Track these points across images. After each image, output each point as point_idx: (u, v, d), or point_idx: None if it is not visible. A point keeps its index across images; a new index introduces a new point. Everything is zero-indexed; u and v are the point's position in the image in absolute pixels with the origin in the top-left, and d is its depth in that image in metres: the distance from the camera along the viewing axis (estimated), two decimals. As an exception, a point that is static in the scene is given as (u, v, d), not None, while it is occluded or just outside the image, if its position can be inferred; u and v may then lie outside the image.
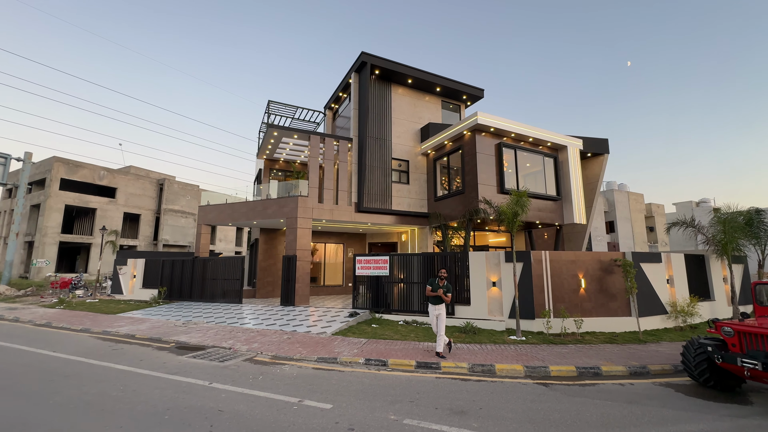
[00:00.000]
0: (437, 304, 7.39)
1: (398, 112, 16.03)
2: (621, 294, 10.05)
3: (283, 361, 6.96)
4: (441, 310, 7.34)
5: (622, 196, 37.18)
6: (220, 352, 7.61)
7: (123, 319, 11.53)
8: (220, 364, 6.63)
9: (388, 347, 7.83)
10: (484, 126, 13.18)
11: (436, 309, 7.39)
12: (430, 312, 7.46)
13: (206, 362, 6.78)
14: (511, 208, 9.34)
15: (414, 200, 15.76)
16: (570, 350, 7.73)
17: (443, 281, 7.51)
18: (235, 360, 6.95)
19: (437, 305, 7.39)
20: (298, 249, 13.07)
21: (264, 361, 6.93)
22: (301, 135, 14.58)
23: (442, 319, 7.27)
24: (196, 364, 6.63)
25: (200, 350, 7.74)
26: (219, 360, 6.93)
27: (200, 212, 15.76)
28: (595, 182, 17.39)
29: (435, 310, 7.39)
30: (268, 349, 7.72)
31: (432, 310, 7.43)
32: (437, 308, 7.37)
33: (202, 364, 6.68)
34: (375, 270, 11.51)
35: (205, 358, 7.04)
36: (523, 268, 9.86)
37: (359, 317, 10.65)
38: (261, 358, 7.19)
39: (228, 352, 7.54)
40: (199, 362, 6.79)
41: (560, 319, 9.34)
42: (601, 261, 10.23)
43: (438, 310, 7.34)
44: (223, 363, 6.73)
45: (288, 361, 6.96)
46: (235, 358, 7.12)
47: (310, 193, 13.75)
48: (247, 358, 7.15)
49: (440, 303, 7.40)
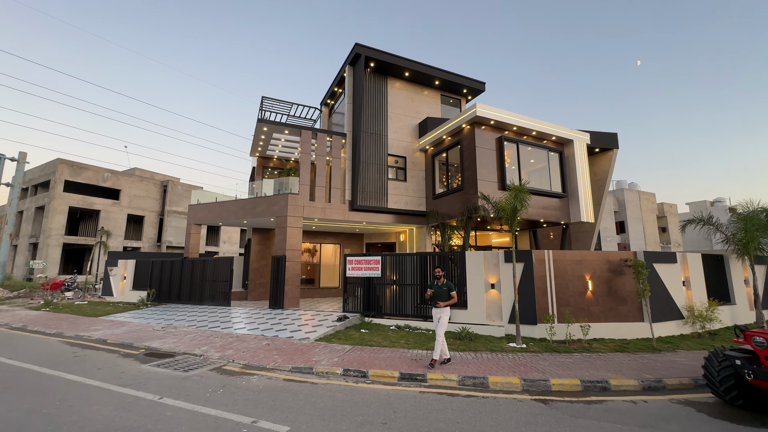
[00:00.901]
0: (440, 307, 6.78)
1: (395, 106, 15.36)
2: (632, 297, 9.20)
3: (254, 371, 6.30)
4: (443, 312, 6.72)
5: (632, 196, 35.95)
6: (188, 359, 6.98)
7: (103, 322, 11.01)
8: (182, 374, 6.00)
9: (372, 355, 7.13)
10: (483, 118, 12.43)
11: (438, 312, 6.78)
12: (434, 316, 6.86)
13: (168, 372, 6.15)
14: (509, 204, 8.58)
15: (412, 198, 15.05)
16: (575, 360, 6.94)
17: (441, 280, 6.90)
18: (201, 369, 6.31)
19: (440, 308, 6.78)
20: (288, 249, 12.45)
21: (232, 371, 6.27)
22: (292, 130, 13.99)
23: (442, 323, 6.64)
24: (156, 374, 6.00)
25: (168, 357, 7.13)
26: (183, 369, 6.29)
27: (190, 211, 15.24)
28: (603, 179, 16.48)
29: (437, 312, 6.79)
30: (241, 356, 7.07)
31: (434, 312, 6.86)
32: (439, 311, 6.76)
33: (163, 374, 6.05)
34: (367, 271, 10.82)
35: (169, 367, 6.41)
36: (524, 269, 9.09)
37: (348, 321, 9.96)
38: (231, 367, 6.54)
39: (197, 360, 6.91)
40: (161, 372, 6.16)
41: (565, 325, 8.54)
42: (610, 261, 9.40)
43: (439, 313, 6.73)
44: (187, 373, 6.09)
45: (259, 371, 6.30)
46: (203, 366, 6.48)
47: (301, 190, 13.13)
48: (215, 367, 6.50)
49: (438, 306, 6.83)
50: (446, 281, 6.92)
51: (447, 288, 6.82)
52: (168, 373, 6.05)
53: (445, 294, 6.79)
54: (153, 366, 6.50)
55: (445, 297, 6.77)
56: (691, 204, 44.57)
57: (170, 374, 6.02)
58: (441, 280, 6.91)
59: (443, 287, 6.85)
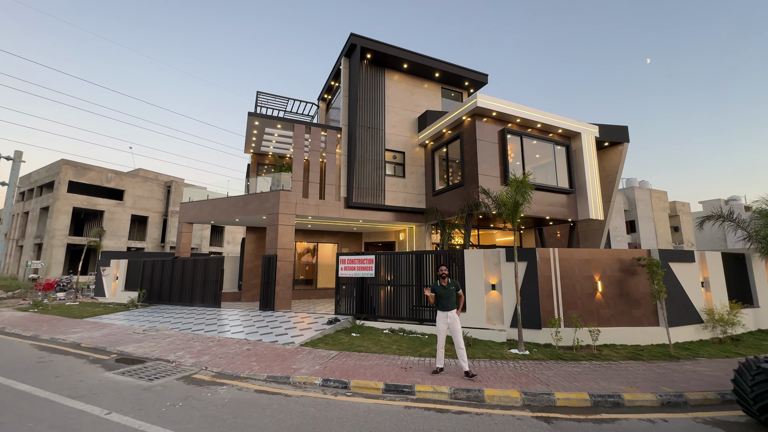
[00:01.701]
0: (448, 310, 6.05)
1: (393, 100, 14.74)
2: (646, 299, 8.45)
3: (226, 380, 5.71)
4: (454, 316, 6.01)
5: (643, 194, 34.82)
6: (159, 366, 6.42)
7: (85, 324, 10.55)
8: (144, 384, 5.43)
9: (359, 363, 6.50)
10: (484, 110, 11.74)
11: (447, 316, 6.02)
12: (439, 320, 6.07)
13: (131, 381, 5.59)
14: (510, 197, 7.89)
15: (411, 195, 14.40)
16: (583, 369, 6.23)
17: (446, 280, 6.19)
18: (168, 378, 5.74)
19: (448, 311, 6.04)
20: (279, 248, 11.89)
21: (202, 380, 5.70)
22: (285, 124, 13.44)
23: (457, 327, 5.98)
24: (117, 384, 5.44)
25: (138, 364, 6.58)
26: (149, 378, 5.73)
27: (181, 210, 14.78)
28: (613, 175, 15.66)
29: (445, 317, 6.02)
30: (217, 363, 6.50)
31: (441, 317, 6.06)
32: (449, 315, 6.02)
33: (124, 383, 5.49)
34: (360, 271, 10.20)
35: (134, 375, 5.86)
36: (527, 269, 8.39)
37: (338, 324, 9.35)
38: (201, 375, 5.96)
39: (167, 367, 6.35)
40: (123, 381, 5.60)
41: (572, 329, 7.82)
42: (621, 260, 8.65)
43: (450, 318, 5.99)
44: (151, 382, 5.52)
45: (231, 380, 5.71)
46: (171, 375, 5.91)
47: (294, 187, 12.56)
48: (184, 375, 5.93)
49: (452, 308, 6.07)
50: (452, 280, 6.24)
51: (454, 287, 6.14)
52: (130, 383, 5.50)
53: (452, 295, 6.10)
54: (117, 374, 5.95)
55: (453, 298, 6.09)
56: (704, 202, 43.19)
57: (132, 383, 5.45)
58: (445, 280, 6.20)
59: (450, 287, 6.12)
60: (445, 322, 6.03)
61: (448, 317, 6.01)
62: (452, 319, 5.99)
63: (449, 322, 6.00)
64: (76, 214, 36.13)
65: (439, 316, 6.11)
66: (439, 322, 6.09)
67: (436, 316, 6.15)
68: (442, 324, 6.06)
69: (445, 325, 6.03)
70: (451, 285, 6.13)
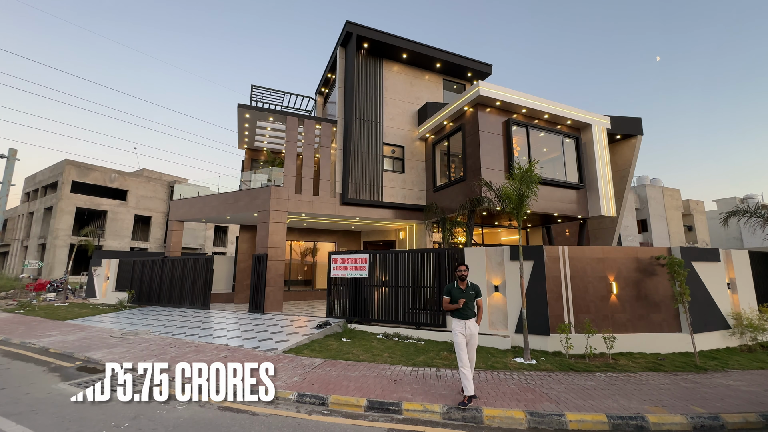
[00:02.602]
0: (467, 318, 4.89)
1: (392, 91, 14.04)
2: (666, 302, 7.62)
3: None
4: (473, 326, 4.89)
5: (655, 192, 33.64)
6: (122, 376, 5.78)
7: (65, 326, 10.01)
8: (97, 398, 4.78)
9: (344, 373, 5.80)
10: (487, 99, 10.99)
11: (465, 326, 4.87)
12: (455, 330, 4.90)
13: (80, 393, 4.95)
14: (515, 190, 7.13)
15: (410, 191, 13.68)
16: (598, 382, 5.46)
17: (464, 282, 5.06)
18: (127, 391, 5.10)
19: (467, 319, 4.89)
20: (270, 246, 11.25)
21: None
22: (277, 117, 12.80)
23: (474, 342, 4.91)
24: (66, 398, 4.80)
25: (100, 373, 5.96)
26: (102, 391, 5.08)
27: (172, 207, 14.24)
28: (626, 170, 14.78)
29: (463, 327, 4.87)
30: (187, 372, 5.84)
31: (458, 327, 4.89)
32: (468, 324, 4.87)
33: (72, 395, 4.85)
34: (353, 271, 9.51)
35: (89, 387, 5.21)
36: (534, 268, 7.62)
37: (328, 329, 8.66)
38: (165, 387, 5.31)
39: (131, 377, 5.71)
40: (72, 391, 4.97)
41: (584, 336, 7.03)
42: (638, 259, 7.84)
43: (469, 328, 4.86)
44: (104, 395, 4.88)
45: (197, 394, 5.05)
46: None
47: (286, 182, 11.92)
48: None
49: (471, 317, 4.93)
50: (472, 283, 5.12)
51: (474, 292, 5.04)
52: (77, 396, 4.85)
53: (472, 300, 5.00)
54: (72, 385, 5.33)
55: (472, 305, 4.99)
56: (719, 201, 41.79)
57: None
58: (464, 282, 5.06)
59: (469, 291, 5.00)
60: (464, 333, 4.82)
61: (468, 327, 4.83)
62: (471, 330, 4.85)
63: (468, 333, 4.83)
64: (80, 214, 36.10)
65: (456, 326, 4.89)
66: (457, 333, 4.84)
67: (452, 325, 4.95)
68: (460, 336, 4.81)
69: (464, 337, 4.81)
70: (470, 288, 5.03)
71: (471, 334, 4.85)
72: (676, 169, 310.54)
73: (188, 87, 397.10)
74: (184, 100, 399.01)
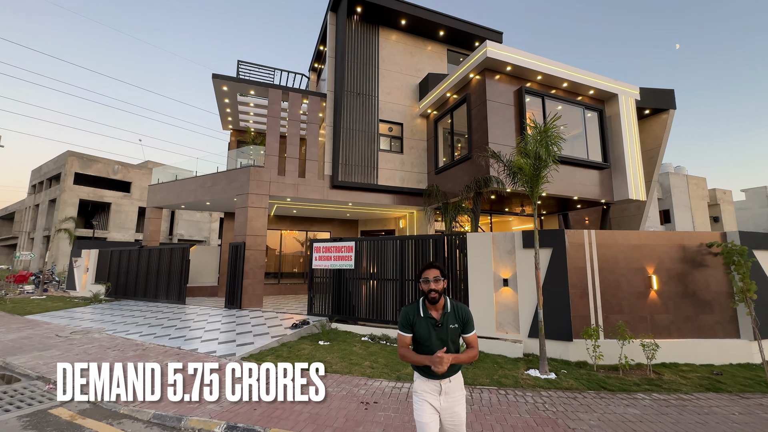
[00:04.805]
0: (440, 378, 2.28)
1: (389, 63, 12.54)
2: (720, 301, 6.09)
3: (95, 417, 3.79)
4: (454, 392, 2.31)
5: (679, 181, 31.39)
6: (27, 390, 4.56)
7: (20, 322, 8.94)
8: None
9: (305, 391, 4.47)
10: (496, 63, 9.44)
11: (439, 389, 2.29)
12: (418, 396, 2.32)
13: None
14: (532, 151, 5.66)
15: (410, 174, 12.23)
16: (644, 410, 4.01)
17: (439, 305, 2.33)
18: (16, 413, 3.87)
19: (442, 379, 2.29)
20: (249, 234, 9.97)
21: (59, 418, 3.79)
22: (259, 90, 11.43)
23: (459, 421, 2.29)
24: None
25: (5, 385, 4.76)
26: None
27: (149, 193, 13.09)
28: (655, 150, 13.03)
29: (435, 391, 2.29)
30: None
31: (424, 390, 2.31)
32: (444, 387, 2.29)
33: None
34: (337, 261, 8.16)
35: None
36: (553, 258, 6.15)
37: (305, 329, 7.34)
38: (66, 408, 4.06)
39: (34, 393, 4.49)
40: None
41: (617, 342, 5.56)
42: (684, 247, 6.29)
43: (447, 394, 2.29)
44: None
45: (101, 418, 3.79)
46: (27, 406, 4.04)
47: (268, 162, 10.59)
48: (42, 408, 4.05)
49: (450, 373, 2.29)
50: (454, 302, 2.38)
51: (460, 324, 2.32)
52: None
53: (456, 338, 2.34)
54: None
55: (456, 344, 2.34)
56: (747, 190, 39.24)
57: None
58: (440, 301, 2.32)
59: (449, 322, 2.31)
60: (435, 404, 2.28)
61: (441, 392, 2.29)
62: (449, 401, 2.28)
63: (442, 406, 2.28)
64: (84, 206, 35.77)
65: (420, 387, 2.33)
66: (421, 404, 2.29)
67: (414, 385, 2.38)
68: (426, 410, 2.27)
69: (432, 413, 2.27)
70: (451, 317, 2.32)
71: (449, 409, 2.28)
72: (701, 157, 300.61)
73: (185, 76, 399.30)
74: (185, 91, 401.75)
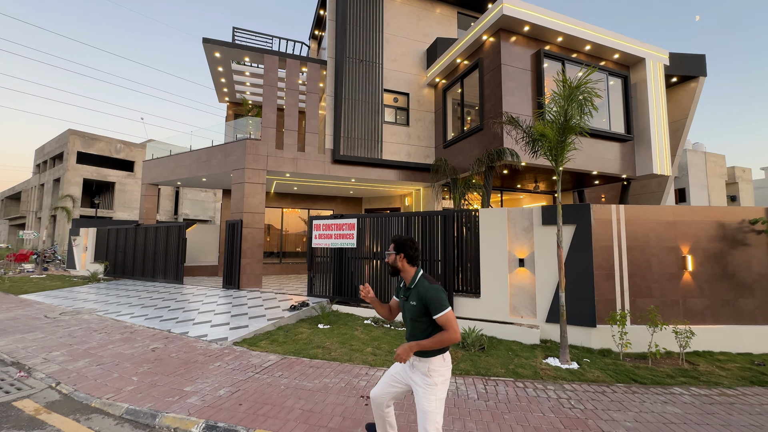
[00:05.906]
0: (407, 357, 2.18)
1: (394, 27, 11.59)
2: (763, 283, 5.47)
3: (63, 412, 3.36)
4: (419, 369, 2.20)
5: (697, 158, 30.12)
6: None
7: (12, 302, 8.64)
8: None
9: (297, 382, 4.01)
10: (513, 22, 8.53)
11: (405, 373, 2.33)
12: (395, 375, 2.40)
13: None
14: (560, 112, 4.95)
15: (416, 148, 11.50)
16: (684, 407, 3.48)
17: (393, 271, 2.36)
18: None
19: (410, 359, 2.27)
20: (246, 211, 9.45)
21: (21, 412, 3.37)
22: (254, 56, 10.63)
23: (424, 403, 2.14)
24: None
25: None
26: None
27: (144, 169, 12.58)
28: (682, 121, 12.10)
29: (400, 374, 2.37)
30: (82, 375, 4.19)
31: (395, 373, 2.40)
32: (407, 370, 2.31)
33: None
34: (338, 239, 7.62)
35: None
36: (576, 235, 5.53)
37: (303, 311, 6.89)
38: (32, 401, 3.64)
39: (4, 383, 4.09)
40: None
41: (646, 328, 5.00)
42: (724, 224, 5.63)
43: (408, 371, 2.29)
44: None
45: (70, 413, 3.35)
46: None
47: (265, 135, 9.93)
48: (6, 401, 3.64)
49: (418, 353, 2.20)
50: (422, 279, 2.25)
51: (419, 302, 2.18)
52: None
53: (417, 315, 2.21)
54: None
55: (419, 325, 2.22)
56: (766, 168, 37.70)
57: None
58: (395, 272, 2.34)
59: (411, 294, 2.25)
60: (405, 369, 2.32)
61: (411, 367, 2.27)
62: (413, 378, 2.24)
63: (404, 379, 2.33)
64: (88, 185, 35.66)
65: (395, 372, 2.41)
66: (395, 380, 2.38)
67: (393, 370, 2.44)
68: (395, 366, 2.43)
69: (400, 369, 2.37)
70: (413, 291, 2.24)
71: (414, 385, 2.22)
72: (721, 133, 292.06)
73: (187, 52, 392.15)
74: (185, 67, 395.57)
